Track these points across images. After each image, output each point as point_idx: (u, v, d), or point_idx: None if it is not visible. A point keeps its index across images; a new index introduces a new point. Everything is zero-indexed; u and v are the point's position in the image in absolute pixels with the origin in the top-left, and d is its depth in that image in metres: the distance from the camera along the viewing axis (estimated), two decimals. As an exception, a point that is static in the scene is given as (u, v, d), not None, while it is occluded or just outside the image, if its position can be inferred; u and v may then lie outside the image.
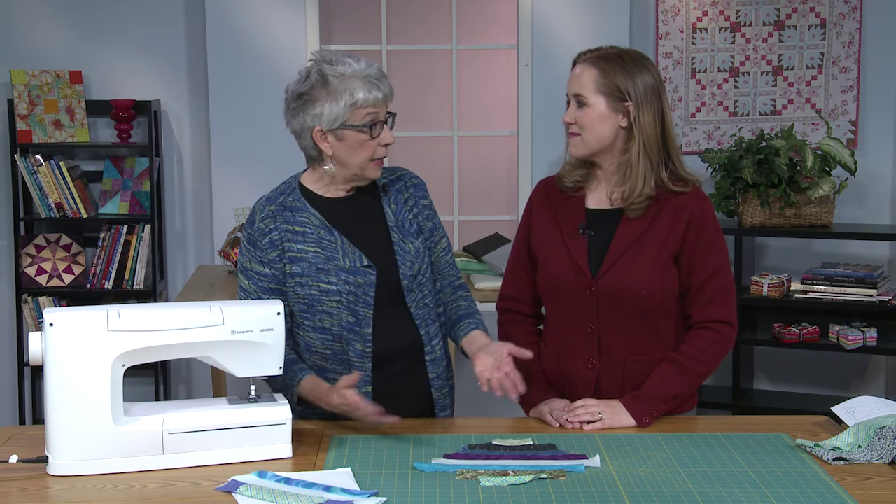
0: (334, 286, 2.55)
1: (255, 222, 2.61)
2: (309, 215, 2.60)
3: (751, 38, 5.00)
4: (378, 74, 2.53)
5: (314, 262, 2.57)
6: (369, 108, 2.51)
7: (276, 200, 2.62)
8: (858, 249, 4.96)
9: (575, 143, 2.63)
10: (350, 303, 2.56)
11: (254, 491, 2.11)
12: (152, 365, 4.96)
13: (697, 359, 2.60)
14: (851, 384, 5.06)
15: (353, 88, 2.49)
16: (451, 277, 2.77)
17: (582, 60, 2.63)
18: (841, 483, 2.17)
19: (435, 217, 2.73)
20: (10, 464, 2.23)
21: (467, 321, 2.70)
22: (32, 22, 5.04)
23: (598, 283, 2.60)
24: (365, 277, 2.56)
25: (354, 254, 2.57)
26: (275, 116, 4.93)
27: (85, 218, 4.93)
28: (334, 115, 2.51)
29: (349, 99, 2.49)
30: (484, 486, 2.15)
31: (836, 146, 4.56)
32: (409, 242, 2.64)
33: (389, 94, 2.55)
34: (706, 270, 2.61)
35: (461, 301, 2.76)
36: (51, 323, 2.20)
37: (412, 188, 2.70)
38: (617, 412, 2.54)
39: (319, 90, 2.51)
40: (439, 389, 2.70)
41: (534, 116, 5.01)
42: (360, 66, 2.51)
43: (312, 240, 2.58)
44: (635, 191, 2.58)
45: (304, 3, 4.96)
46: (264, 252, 2.58)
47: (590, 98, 2.58)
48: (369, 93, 2.50)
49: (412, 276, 2.62)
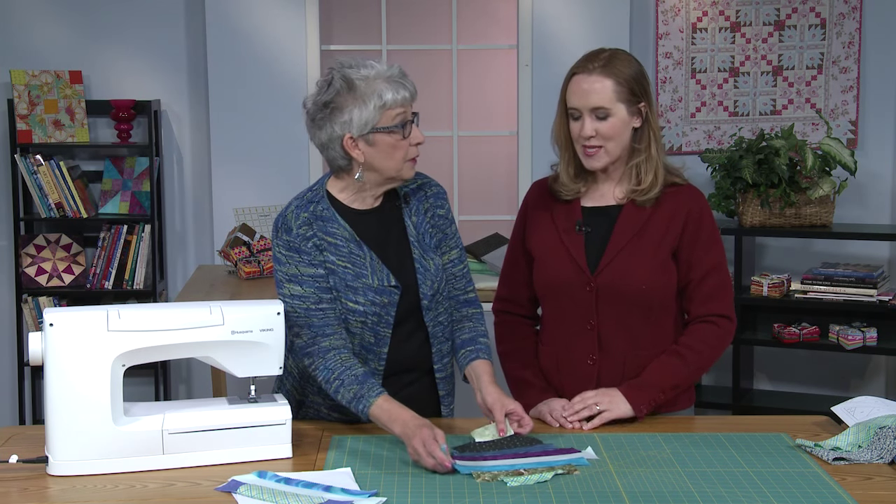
0: (361, 306, 2.50)
1: (291, 230, 2.51)
2: (339, 227, 2.53)
3: (751, 38, 5.00)
4: (400, 74, 2.47)
5: (344, 278, 2.51)
6: (398, 109, 2.44)
7: (307, 208, 2.53)
8: (858, 249, 4.96)
9: (598, 156, 2.59)
10: (374, 323, 2.52)
11: (254, 491, 2.11)
12: (152, 365, 4.96)
13: (697, 350, 2.61)
14: (851, 384, 5.06)
15: (381, 90, 2.42)
16: (456, 291, 2.67)
17: (589, 71, 2.57)
18: (841, 483, 2.17)
19: (449, 227, 2.66)
20: (10, 464, 2.23)
21: (469, 348, 2.60)
22: (32, 22, 5.04)
23: (598, 279, 2.60)
24: (389, 297, 2.52)
25: (382, 272, 2.52)
26: (275, 116, 4.99)
27: (85, 218, 4.93)
28: (364, 120, 2.43)
29: (378, 101, 2.42)
30: (511, 486, 2.15)
31: (836, 146, 4.56)
32: (430, 259, 2.58)
33: (414, 93, 2.49)
34: (705, 266, 2.62)
35: (466, 321, 2.66)
36: (51, 323, 2.20)
37: (432, 198, 2.64)
38: (615, 401, 2.55)
39: (346, 96, 2.44)
40: (447, 406, 2.68)
41: (534, 116, 5.01)
42: (382, 68, 2.45)
43: (344, 253, 2.52)
44: (658, 183, 2.60)
45: (304, 4, 4.96)
46: (311, 255, 2.50)
47: (612, 108, 2.56)
48: (397, 93, 2.44)
49: (432, 295, 2.57)
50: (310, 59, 4.97)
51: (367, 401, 2.38)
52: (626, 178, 2.64)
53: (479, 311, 2.70)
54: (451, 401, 2.70)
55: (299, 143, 4.88)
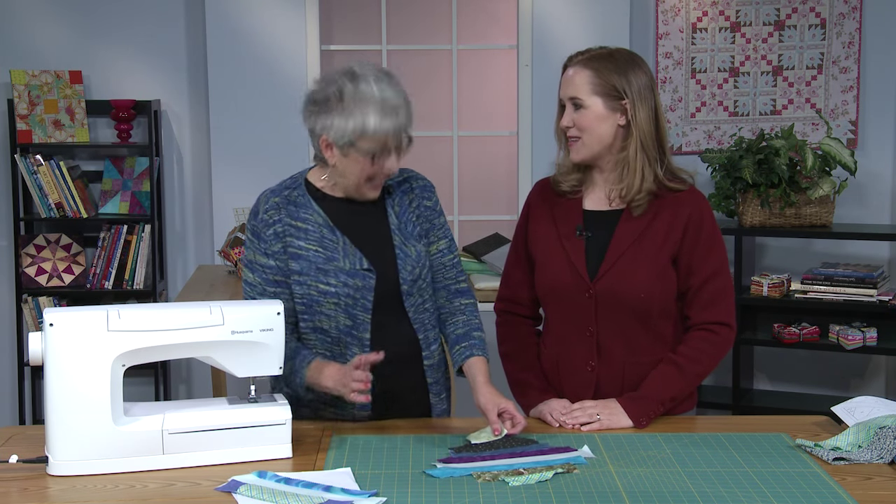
0: (333, 288, 2.54)
1: (258, 213, 2.58)
2: (312, 212, 2.58)
3: (751, 38, 5.00)
4: (397, 103, 2.46)
5: (314, 262, 2.55)
6: (378, 138, 2.45)
7: (280, 193, 2.60)
8: (858, 249, 4.97)
9: (576, 147, 2.61)
10: (348, 306, 2.55)
11: (254, 491, 2.11)
12: (152, 365, 4.96)
13: (695, 360, 2.60)
14: (851, 384, 5.06)
15: (366, 114, 2.43)
16: (448, 280, 2.69)
17: (573, 63, 2.60)
18: (841, 483, 2.17)
19: (437, 218, 2.68)
20: (10, 464, 2.23)
21: (463, 344, 2.61)
22: (32, 22, 5.04)
23: (597, 286, 2.59)
24: (364, 281, 2.55)
25: (355, 255, 2.56)
26: (275, 116, 4.99)
27: (85, 218, 4.93)
28: (342, 132, 2.46)
29: (359, 124, 2.43)
30: (512, 485, 2.15)
31: (836, 146, 4.57)
32: (411, 246, 2.61)
33: (406, 124, 2.48)
34: (705, 272, 2.61)
35: (459, 315, 2.67)
36: (51, 323, 2.20)
37: (417, 189, 2.67)
38: (615, 413, 2.54)
39: (334, 103, 2.45)
40: (437, 395, 2.69)
41: (534, 116, 5.01)
42: (380, 90, 2.44)
43: (314, 238, 2.56)
44: (633, 188, 2.58)
45: (304, 3, 4.96)
46: (268, 244, 2.56)
47: (586, 100, 2.57)
48: (380, 123, 2.43)
49: (412, 281, 2.60)
50: (310, 59, 4.97)
51: (301, 373, 2.50)
52: (612, 178, 2.64)
53: (471, 302, 2.71)
54: (440, 389, 2.69)
55: (299, 143, 4.88)
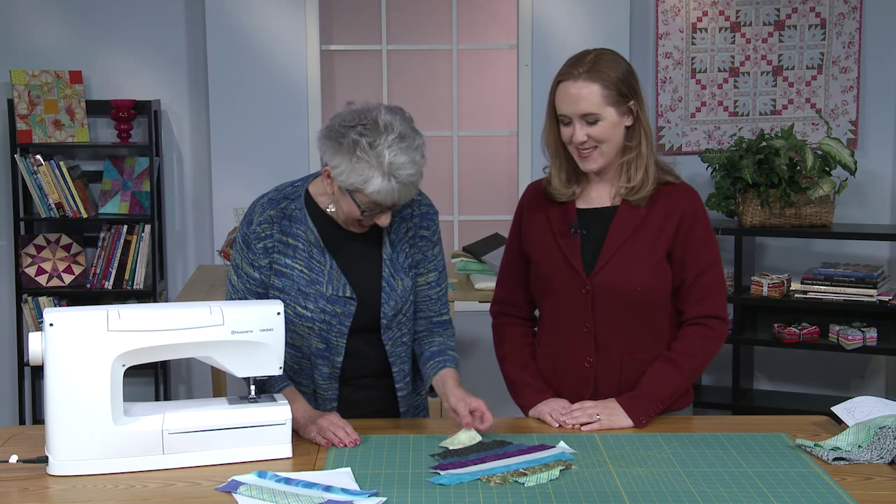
0: (309, 313, 2.51)
1: (252, 223, 2.54)
2: (306, 230, 2.53)
3: (751, 38, 5.00)
4: (408, 178, 2.37)
5: (297, 282, 2.51)
6: (375, 199, 2.39)
7: (277, 205, 2.54)
8: (858, 249, 4.97)
9: (593, 158, 2.59)
10: (322, 331, 2.52)
11: (254, 491, 2.11)
12: (152, 365, 4.96)
13: (691, 355, 2.61)
14: (851, 384, 5.06)
15: (371, 176, 2.35)
16: (430, 312, 2.65)
17: (574, 77, 2.55)
18: (841, 483, 2.17)
19: (431, 249, 2.62)
20: (10, 464, 2.23)
21: (437, 359, 2.58)
22: (32, 22, 5.04)
23: (593, 281, 2.60)
24: (344, 307, 2.52)
25: (339, 281, 2.52)
26: (275, 116, 4.99)
27: (85, 218, 4.93)
28: (344, 177, 2.38)
29: (360, 182, 2.36)
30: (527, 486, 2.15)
31: (836, 146, 4.57)
32: (399, 279, 2.56)
33: (406, 197, 2.41)
34: (698, 265, 2.62)
35: (436, 336, 2.64)
36: (51, 323, 2.20)
37: (417, 217, 2.61)
38: (615, 413, 2.55)
39: (347, 149, 2.36)
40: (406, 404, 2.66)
41: (534, 116, 5.01)
42: (391, 155, 2.34)
43: (302, 257, 2.52)
44: (648, 182, 2.59)
45: (304, 3, 4.96)
46: (256, 256, 2.53)
47: (601, 113, 2.55)
48: (380, 189, 2.35)
49: (392, 316, 2.56)
50: (310, 59, 4.97)
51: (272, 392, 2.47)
52: (616, 176, 2.64)
53: (450, 332, 2.68)
54: (410, 400, 2.67)
55: (299, 144, 4.88)
